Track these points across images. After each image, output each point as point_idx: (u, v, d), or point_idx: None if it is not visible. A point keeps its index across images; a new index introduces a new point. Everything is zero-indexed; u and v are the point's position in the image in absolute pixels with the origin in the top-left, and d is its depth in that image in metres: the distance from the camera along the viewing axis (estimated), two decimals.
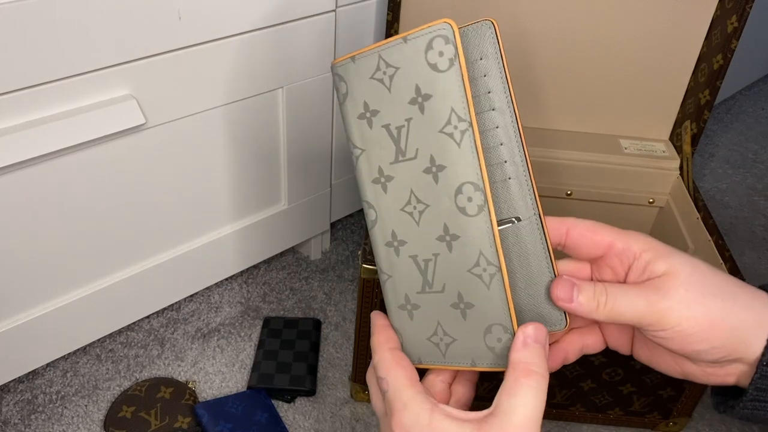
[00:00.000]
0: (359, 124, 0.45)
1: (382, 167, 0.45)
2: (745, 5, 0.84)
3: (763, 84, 1.80)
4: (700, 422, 0.93)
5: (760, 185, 1.42)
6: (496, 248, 0.42)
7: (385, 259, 0.46)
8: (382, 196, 0.45)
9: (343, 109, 0.46)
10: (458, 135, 0.42)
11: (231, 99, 0.82)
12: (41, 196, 0.72)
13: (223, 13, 0.74)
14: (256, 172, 0.92)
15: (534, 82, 0.97)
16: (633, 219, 1.03)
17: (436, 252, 0.44)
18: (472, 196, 0.42)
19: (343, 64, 0.45)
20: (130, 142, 0.75)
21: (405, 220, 0.45)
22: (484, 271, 0.43)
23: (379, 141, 0.45)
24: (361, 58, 0.44)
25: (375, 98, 0.44)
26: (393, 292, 0.47)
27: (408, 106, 0.43)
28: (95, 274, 0.82)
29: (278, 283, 1.09)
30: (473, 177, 0.42)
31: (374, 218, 0.46)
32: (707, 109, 0.93)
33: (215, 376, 0.94)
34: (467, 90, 0.41)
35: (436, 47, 0.42)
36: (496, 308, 0.43)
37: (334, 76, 0.46)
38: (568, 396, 0.87)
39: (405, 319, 0.47)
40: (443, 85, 0.42)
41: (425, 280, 0.45)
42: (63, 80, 0.67)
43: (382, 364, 0.45)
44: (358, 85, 0.45)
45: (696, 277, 0.42)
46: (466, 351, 0.45)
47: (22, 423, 0.86)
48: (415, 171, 0.44)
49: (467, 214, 0.42)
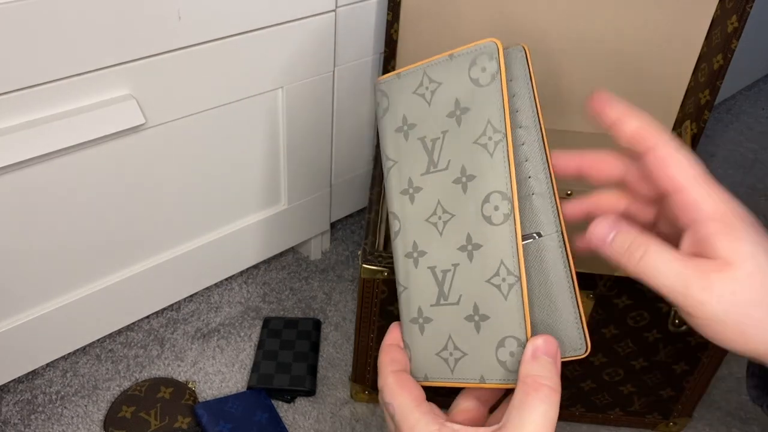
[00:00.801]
0: (396, 137, 0.46)
1: (413, 178, 0.46)
2: (745, 5, 0.84)
3: (763, 84, 1.80)
4: (701, 422, 0.93)
5: (760, 185, 1.42)
6: (518, 258, 0.42)
7: (403, 271, 0.46)
8: (409, 206, 0.46)
9: (382, 123, 0.47)
10: (492, 146, 0.43)
11: (231, 99, 0.82)
12: (41, 196, 0.72)
13: (223, 13, 0.74)
14: (256, 172, 0.92)
15: None
16: None
17: (456, 262, 0.44)
18: (499, 204, 0.42)
19: (388, 80, 0.47)
20: (130, 142, 0.75)
21: (428, 231, 0.45)
22: (503, 281, 0.42)
23: (412, 153, 0.46)
24: (407, 75, 0.46)
25: (414, 112, 0.46)
26: (407, 305, 0.46)
27: (445, 119, 0.44)
28: (95, 274, 0.82)
29: (278, 283, 1.09)
30: (502, 186, 0.42)
31: (398, 229, 0.47)
32: (707, 109, 0.92)
33: (215, 376, 0.94)
34: (506, 104, 0.43)
35: (479, 63, 0.44)
36: (511, 320, 0.42)
37: (377, 92, 0.48)
38: (569, 396, 0.87)
39: (416, 333, 0.46)
40: (483, 98, 0.43)
41: (441, 291, 0.45)
42: (63, 80, 0.67)
43: (386, 389, 0.44)
44: (400, 99, 0.46)
45: (753, 280, 0.35)
46: (476, 366, 0.44)
47: (22, 423, 0.86)
48: (445, 181, 0.44)
49: (492, 223, 0.43)
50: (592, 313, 0.76)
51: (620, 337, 0.78)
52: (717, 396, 0.96)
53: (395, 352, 0.46)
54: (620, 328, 0.78)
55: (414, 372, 0.46)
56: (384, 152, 0.47)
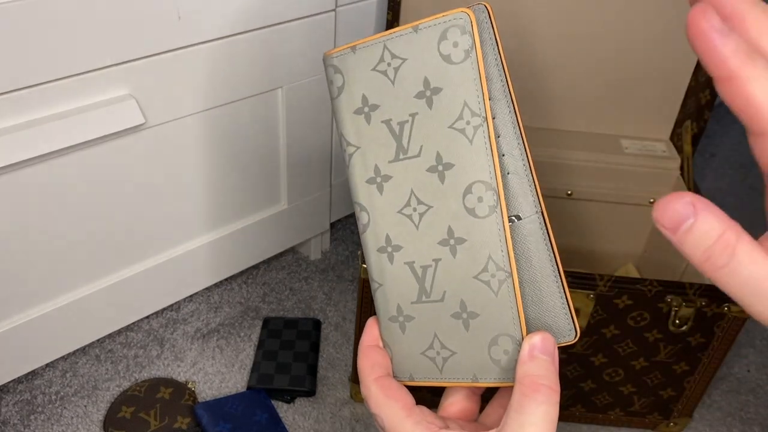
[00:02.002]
0: (355, 119, 0.42)
1: (379, 166, 0.42)
2: None
3: None
4: (701, 423, 0.93)
5: (760, 185, 1.42)
6: (507, 252, 0.40)
7: (377, 266, 0.43)
8: (377, 197, 0.42)
9: (337, 104, 0.43)
10: (470, 131, 0.39)
11: (231, 99, 0.82)
12: (41, 196, 0.72)
13: (223, 13, 0.74)
14: (256, 172, 0.92)
15: (534, 82, 0.97)
16: (633, 219, 1.03)
17: (437, 257, 0.41)
18: (482, 195, 0.39)
19: (341, 54, 0.42)
20: (129, 142, 0.75)
21: (402, 223, 0.42)
22: (493, 277, 0.40)
23: (377, 138, 0.42)
24: (363, 49, 0.41)
25: (376, 91, 0.41)
26: (384, 303, 0.43)
27: (414, 100, 0.40)
28: (95, 274, 0.82)
29: (278, 284, 1.09)
30: (485, 176, 0.39)
31: (366, 221, 0.43)
32: (708, 108, 0.92)
33: (215, 377, 0.94)
34: (483, 83, 0.39)
35: (450, 38, 0.39)
36: (504, 317, 0.40)
37: (327, 68, 0.42)
38: (569, 396, 0.86)
39: (396, 332, 0.43)
40: (456, 77, 0.39)
41: (422, 288, 0.42)
42: (63, 80, 0.66)
43: (371, 400, 0.41)
44: (358, 77, 0.42)
45: None
46: (467, 365, 0.42)
47: (22, 423, 0.86)
48: (418, 170, 0.41)
49: (476, 216, 0.40)
50: (592, 313, 0.76)
51: (620, 337, 0.78)
52: (717, 396, 0.96)
53: (375, 355, 0.43)
54: (620, 328, 0.78)
55: (397, 373, 0.44)
56: (343, 137, 0.42)
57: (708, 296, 0.74)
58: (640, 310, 0.76)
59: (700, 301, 0.74)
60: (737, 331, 0.77)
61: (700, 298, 0.74)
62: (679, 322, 0.76)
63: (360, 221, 0.43)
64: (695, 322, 0.76)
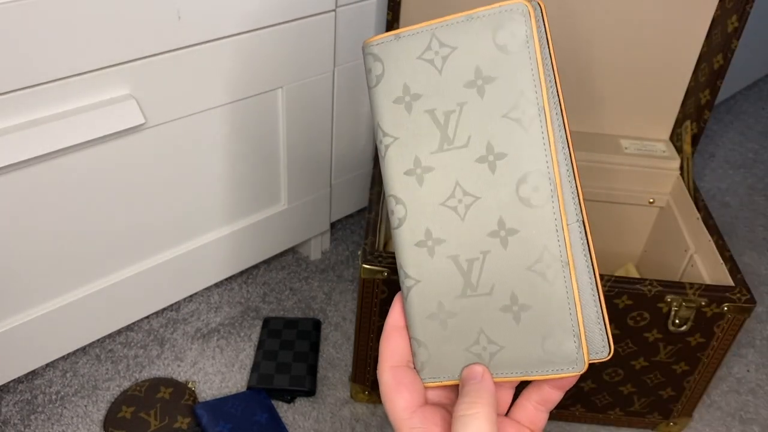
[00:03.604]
0: (395, 109, 0.41)
1: (420, 157, 0.41)
2: (745, 5, 0.84)
3: (763, 84, 1.80)
4: (700, 423, 0.93)
5: (760, 185, 1.42)
6: (564, 242, 0.39)
7: (414, 262, 0.41)
8: (416, 189, 0.41)
9: (375, 93, 0.41)
10: (527, 120, 0.39)
11: (231, 99, 0.82)
12: (41, 196, 0.72)
13: (223, 13, 0.74)
14: (256, 172, 0.92)
15: None
16: (633, 219, 1.03)
17: (486, 249, 0.40)
18: (538, 185, 0.39)
19: (383, 42, 0.41)
20: (130, 142, 0.75)
21: (445, 216, 0.40)
22: (549, 268, 0.39)
23: (419, 128, 0.41)
24: (408, 37, 0.40)
25: (419, 80, 0.40)
26: (421, 300, 0.42)
27: (463, 89, 0.39)
28: (95, 274, 0.82)
29: (278, 284, 1.09)
30: (541, 165, 0.39)
31: (403, 215, 0.41)
32: (707, 108, 0.92)
33: (215, 377, 0.94)
34: (541, 73, 0.38)
35: (507, 27, 0.38)
36: (559, 308, 0.39)
37: (366, 56, 0.41)
38: (569, 396, 0.87)
39: (436, 329, 0.41)
40: (512, 67, 0.39)
41: (468, 282, 0.41)
42: (63, 80, 0.67)
43: (381, 386, 0.41)
44: (400, 65, 0.41)
45: None
46: (517, 359, 0.40)
47: (22, 423, 0.86)
48: (465, 160, 0.40)
49: (531, 205, 0.39)
50: None
51: (620, 337, 0.78)
52: (717, 396, 0.96)
53: (399, 340, 0.42)
54: (620, 328, 0.78)
55: (431, 373, 0.42)
56: (380, 127, 0.41)
57: (708, 296, 0.74)
58: (640, 310, 0.76)
59: (700, 301, 0.74)
60: (737, 331, 0.77)
61: (700, 298, 0.74)
62: (679, 322, 0.76)
63: (395, 215, 0.42)
64: (695, 322, 0.76)
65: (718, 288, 0.75)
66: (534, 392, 0.42)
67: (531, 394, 0.42)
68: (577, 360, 0.39)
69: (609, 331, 0.39)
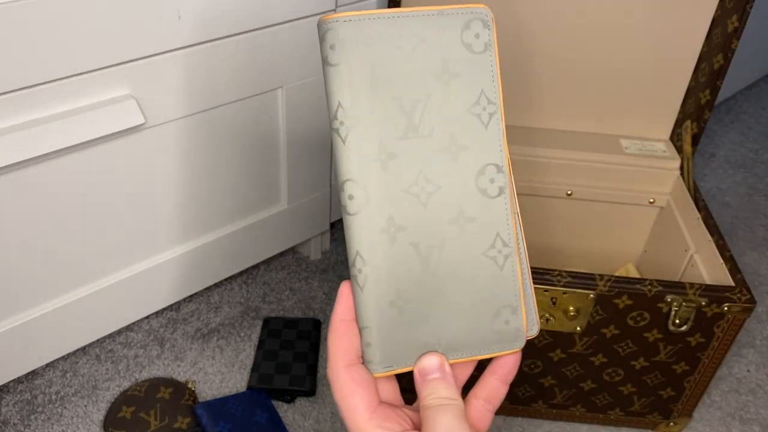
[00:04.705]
0: (359, 90, 0.40)
1: (385, 143, 0.41)
2: (745, 5, 0.84)
3: (763, 84, 1.80)
4: (701, 423, 0.93)
5: (760, 185, 1.42)
6: (513, 230, 0.42)
7: (374, 249, 0.41)
8: (381, 176, 0.41)
9: (337, 72, 0.40)
10: (486, 117, 0.42)
11: (231, 99, 0.82)
12: (41, 196, 0.72)
13: (223, 13, 0.74)
14: (256, 172, 0.92)
15: (534, 82, 0.97)
16: (633, 219, 1.03)
17: (445, 237, 0.42)
18: (494, 177, 0.42)
19: (348, 20, 0.40)
20: (130, 142, 0.75)
21: (409, 203, 0.41)
22: (499, 253, 0.42)
23: (384, 113, 0.41)
24: (379, 20, 0.40)
25: (388, 65, 0.41)
26: (379, 287, 0.41)
27: (430, 80, 0.41)
28: (95, 274, 0.82)
29: (278, 283, 1.09)
30: (497, 159, 0.42)
31: (364, 200, 0.41)
32: (708, 108, 0.92)
33: (215, 377, 0.94)
34: (499, 75, 0.42)
35: (473, 28, 0.41)
36: (507, 290, 0.43)
37: (327, 32, 0.40)
38: (569, 396, 0.87)
39: (392, 317, 0.42)
40: (476, 66, 0.41)
41: (427, 269, 0.42)
42: (63, 80, 0.67)
43: (336, 387, 0.40)
44: (370, 47, 0.40)
45: None
46: (468, 341, 0.43)
47: (22, 423, 0.86)
48: (429, 149, 0.41)
49: (488, 196, 0.42)
50: (592, 313, 0.76)
51: (620, 337, 0.78)
52: (717, 396, 0.96)
53: (350, 336, 0.41)
54: (620, 328, 0.78)
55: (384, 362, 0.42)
56: (341, 107, 0.40)
57: (708, 296, 0.74)
58: (640, 310, 0.76)
59: (700, 301, 0.74)
60: (737, 331, 0.77)
61: (700, 298, 0.74)
62: (679, 322, 0.76)
63: (354, 200, 0.41)
64: (695, 322, 0.76)
65: (718, 288, 0.75)
66: (481, 389, 0.43)
67: (479, 391, 0.43)
68: (518, 337, 0.43)
69: (537, 310, 0.44)
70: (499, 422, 0.91)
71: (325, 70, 0.41)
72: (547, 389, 0.86)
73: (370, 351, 0.42)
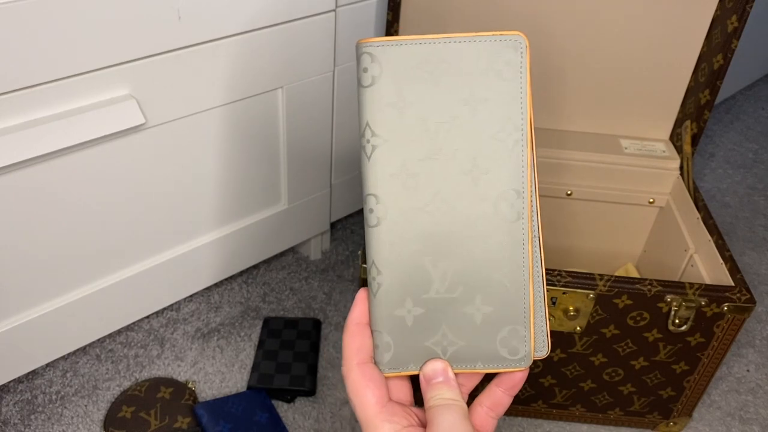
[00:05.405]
0: (387, 111, 0.43)
1: (407, 163, 0.43)
2: (745, 5, 0.84)
3: (763, 84, 1.80)
4: (700, 422, 0.93)
5: (760, 185, 1.42)
6: (528, 255, 0.43)
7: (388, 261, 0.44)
8: (400, 193, 0.43)
9: (369, 92, 0.43)
10: (511, 143, 0.42)
11: (231, 99, 0.82)
12: (41, 196, 0.72)
13: (223, 13, 0.74)
14: (256, 172, 0.92)
15: (534, 82, 0.97)
16: (633, 219, 1.03)
17: (458, 255, 0.44)
18: (514, 202, 0.43)
19: (382, 46, 0.43)
20: (130, 142, 0.75)
21: (423, 221, 0.43)
22: (511, 276, 0.43)
23: (409, 134, 0.43)
24: (410, 45, 0.43)
25: (417, 89, 0.43)
26: (391, 297, 0.44)
27: (456, 104, 0.43)
28: (95, 274, 0.82)
29: (278, 283, 1.09)
30: (518, 185, 0.43)
31: (383, 215, 0.44)
32: (707, 108, 0.92)
33: (215, 376, 0.94)
34: (528, 102, 0.42)
35: (505, 55, 0.43)
36: (516, 310, 0.44)
37: (363, 55, 0.43)
38: (569, 396, 0.87)
39: (402, 324, 0.44)
40: (504, 92, 0.42)
41: (437, 282, 0.44)
42: (63, 80, 0.67)
43: (349, 383, 0.43)
44: (398, 71, 0.43)
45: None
46: (474, 354, 0.44)
47: (22, 423, 0.86)
48: (450, 171, 0.43)
49: (506, 219, 0.43)
50: (592, 313, 0.76)
51: (620, 337, 0.78)
52: (717, 396, 0.96)
53: (363, 336, 0.44)
54: (620, 328, 0.78)
55: (393, 365, 0.45)
56: (369, 126, 0.43)
57: (708, 296, 0.74)
58: (639, 310, 0.76)
59: (700, 301, 0.74)
60: (737, 331, 0.77)
61: (700, 298, 0.74)
62: (679, 321, 0.76)
63: (374, 214, 0.44)
64: (695, 322, 0.76)
65: (718, 288, 0.75)
66: (486, 397, 0.45)
67: (483, 399, 0.45)
68: (525, 357, 0.44)
69: (549, 332, 0.45)
70: (499, 422, 0.91)
71: (358, 91, 0.44)
72: (547, 389, 0.86)
73: (378, 353, 0.45)
